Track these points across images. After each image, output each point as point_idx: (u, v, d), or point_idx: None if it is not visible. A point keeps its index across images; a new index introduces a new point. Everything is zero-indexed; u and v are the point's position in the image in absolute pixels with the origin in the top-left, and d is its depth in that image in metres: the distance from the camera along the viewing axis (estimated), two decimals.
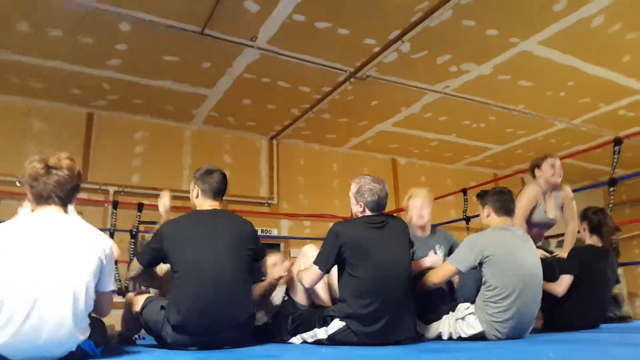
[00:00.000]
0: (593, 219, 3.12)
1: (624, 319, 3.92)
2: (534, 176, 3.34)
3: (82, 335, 1.62)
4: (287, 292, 2.66)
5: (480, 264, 2.35)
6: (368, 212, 2.33)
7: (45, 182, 1.69)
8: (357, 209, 2.36)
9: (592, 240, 3.12)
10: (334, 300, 2.50)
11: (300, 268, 2.51)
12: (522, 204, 3.13)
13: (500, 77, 4.90)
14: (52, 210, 1.71)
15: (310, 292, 2.54)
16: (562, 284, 2.89)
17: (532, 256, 2.46)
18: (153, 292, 2.66)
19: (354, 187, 2.37)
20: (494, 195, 2.57)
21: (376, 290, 2.14)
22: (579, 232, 3.27)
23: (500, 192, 2.59)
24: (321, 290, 2.54)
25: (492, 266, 2.32)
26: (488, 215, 2.56)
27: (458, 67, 4.68)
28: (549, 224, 3.32)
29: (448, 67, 4.68)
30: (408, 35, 4.04)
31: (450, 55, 4.46)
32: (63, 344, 1.56)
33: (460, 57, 4.52)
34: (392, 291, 2.17)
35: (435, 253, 2.82)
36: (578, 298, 2.90)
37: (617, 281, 3.22)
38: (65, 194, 1.73)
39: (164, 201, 2.77)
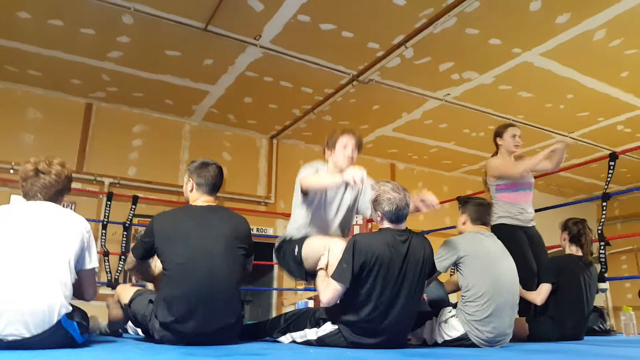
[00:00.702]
0: (573, 229, 3.19)
1: (608, 332, 3.95)
2: (496, 145, 3.56)
3: (64, 300, 1.67)
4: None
5: (456, 264, 2.45)
6: (386, 222, 2.20)
7: (32, 184, 1.87)
8: (375, 217, 2.25)
9: (571, 250, 3.19)
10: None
11: (324, 263, 2.29)
12: (499, 164, 3.44)
13: (501, 87, 4.92)
14: (37, 204, 1.87)
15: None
16: (541, 293, 2.97)
17: (505, 258, 2.53)
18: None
19: (372, 195, 2.25)
20: (474, 205, 2.68)
21: (380, 308, 2.06)
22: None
23: (480, 204, 2.69)
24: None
25: (467, 266, 2.42)
26: (464, 223, 2.68)
27: (460, 75, 4.70)
28: (528, 182, 3.48)
29: (450, 74, 4.69)
30: (412, 41, 4.05)
31: (452, 62, 4.48)
32: (47, 325, 1.60)
33: (463, 65, 4.53)
34: (394, 306, 2.08)
35: None
36: (558, 308, 2.96)
37: (597, 291, 3.24)
38: (49, 196, 1.89)
39: None
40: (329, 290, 2.09)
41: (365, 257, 2.04)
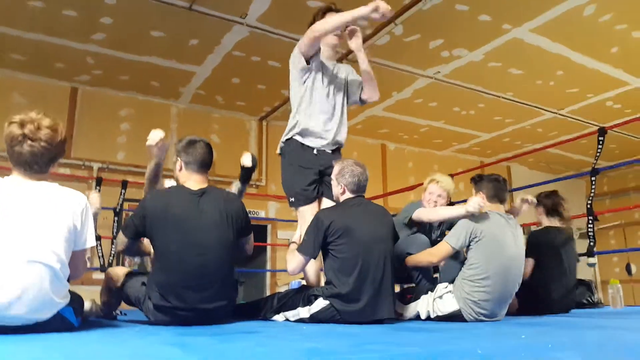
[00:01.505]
0: (547, 202, 3.22)
1: (596, 304, 4.04)
2: None
3: (62, 299, 1.61)
4: None
5: (469, 243, 2.40)
6: (348, 194, 2.36)
7: (20, 152, 1.61)
8: (337, 190, 2.39)
9: (551, 222, 3.22)
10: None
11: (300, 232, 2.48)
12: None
13: (491, 64, 4.90)
14: (24, 177, 1.66)
15: (304, 272, 2.53)
16: (527, 267, 2.96)
17: (518, 243, 2.49)
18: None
19: (336, 169, 2.41)
20: (490, 182, 2.58)
21: (358, 268, 2.16)
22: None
23: (496, 180, 2.59)
24: (310, 270, 2.53)
25: (479, 246, 2.37)
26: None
27: (450, 52, 4.67)
28: None
29: (440, 52, 4.66)
30: (401, 17, 4.01)
31: (442, 40, 4.44)
32: (43, 309, 1.55)
33: (452, 43, 4.50)
34: (374, 269, 2.18)
35: (434, 233, 3.05)
36: (544, 281, 3.01)
37: (578, 259, 3.31)
38: (39, 165, 1.65)
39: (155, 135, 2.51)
40: (294, 260, 2.28)
41: (326, 226, 2.18)
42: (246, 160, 2.79)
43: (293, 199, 2.60)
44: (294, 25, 4.16)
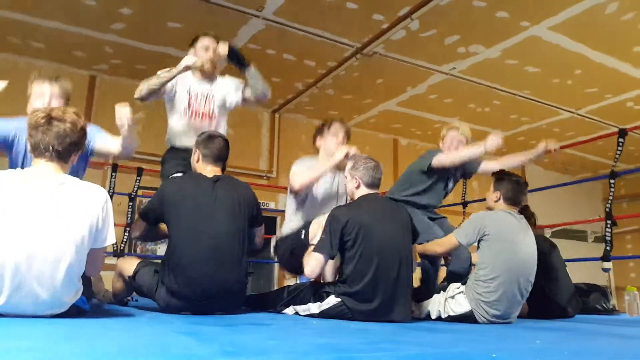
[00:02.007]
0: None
1: (611, 311, 3.99)
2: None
3: (76, 296, 1.61)
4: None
5: (479, 241, 2.39)
6: (363, 188, 2.35)
7: (44, 133, 1.61)
8: (351, 185, 2.38)
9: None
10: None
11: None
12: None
13: (508, 62, 4.84)
14: (46, 168, 1.64)
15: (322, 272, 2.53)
16: None
17: (530, 245, 2.47)
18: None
19: (349, 165, 2.42)
20: (510, 183, 2.53)
21: (374, 268, 2.13)
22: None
23: (517, 182, 2.54)
24: (328, 269, 2.55)
25: (489, 245, 2.35)
26: (497, 200, 2.55)
27: (466, 48, 4.62)
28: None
29: (456, 48, 4.61)
30: (417, 12, 3.97)
31: (458, 36, 4.40)
32: (56, 305, 1.56)
33: (469, 39, 4.45)
34: (390, 270, 2.16)
35: (447, 183, 3.06)
36: (550, 285, 2.99)
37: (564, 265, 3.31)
38: (64, 148, 1.64)
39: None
40: (311, 261, 2.21)
41: (343, 224, 2.16)
42: (222, 49, 2.83)
43: None
44: (309, 19, 4.15)
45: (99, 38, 4.54)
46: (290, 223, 2.83)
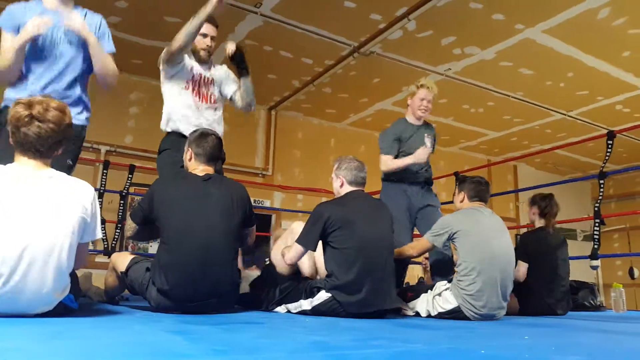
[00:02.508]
0: (541, 203, 3.36)
1: (598, 307, 4.07)
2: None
3: (63, 293, 1.60)
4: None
5: (452, 240, 2.53)
6: (346, 186, 2.45)
7: (25, 134, 1.56)
8: (336, 184, 2.50)
9: (540, 223, 3.36)
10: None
11: (287, 244, 2.52)
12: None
13: (502, 63, 4.88)
14: (31, 164, 1.61)
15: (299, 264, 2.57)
16: (520, 269, 3.12)
17: (504, 241, 2.58)
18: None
19: (335, 165, 2.54)
20: (472, 183, 2.72)
21: (360, 261, 2.21)
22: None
23: (478, 182, 2.74)
24: (305, 262, 2.57)
25: (461, 241, 2.50)
26: (462, 201, 2.73)
27: (462, 49, 4.65)
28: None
29: (452, 49, 4.64)
30: (414, 13, 3.99)
31: (455, 37, 4.43)
32: (45, 301, 1.55)
33: (465, 40, 4.48)
34: (374, 260, 2.24)
35: (425, 142, 3.18)
36: (540, 281, 3.11)
37: (566, 259, 3.39)
38: (46, 148, 1.59)
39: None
40: (292, 251, 2.35)
41: (326, 218, 2.24)
42: (230, 48, 2.82)
43: None
44: (307, 16, 4.16)
45: None
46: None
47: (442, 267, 2.96)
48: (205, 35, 2.83)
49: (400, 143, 3.21)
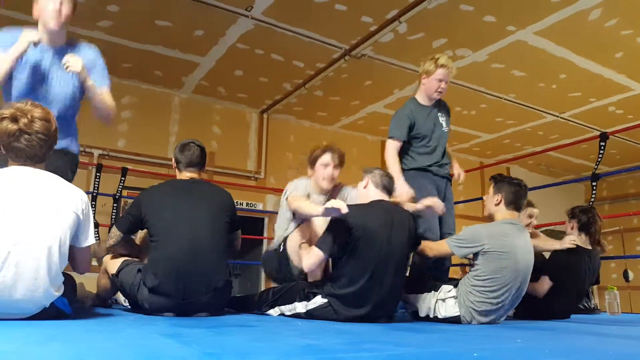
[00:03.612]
0: (582, 217, 3.10)
1: (593, 310, 4.06)
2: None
3: (57, 291, 1.62)
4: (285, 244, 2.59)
5: (476, 253, 2.31)
6: (372, 188, 2.35)
7: (17, 146, 1.64)
8: (361, 184, 2.41)
9: (580, 239, 3.08)
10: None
11: (305, 237, 2.46)
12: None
13: (494, 65, 4.90)
14: (24, 169, 1.67)
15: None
16: (544, 286, 2.94)
17: (529, 254, 2.41)
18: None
19: (364, 169, 2.47)
20: (511, 185, 2.44)
21: (368, 275, 2.12)
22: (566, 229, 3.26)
23: (518, 185, 2.47)
24: (318, 271, 2.54)
25: (490, 259, 2.28)
26: (497, 204, 2.46)
27: (453, 52, 4.66)
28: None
29: (443, 51, 4.64)
30: (406, 15, 3.99)
31: (446, 39, 4.43)
32: (37, 300, 1.56)
33: (456, 42, 4.49)
34: (385, 278, 2.15)
35: (441, 123, 3.04)
36: (554, 294, 2.96)
37: (597, 281, 3.23)
38: (39, 155, 1.68)
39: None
40: (311, 256, 2.21)
41: (349, 228, 2.13)
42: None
43: None
44: (298, 19, 4.16)
45: (85, 35, 4.47)
46: (280, 232, 2.78)
47: (440, 271, 2.82)
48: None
49: (414, 127, 2.92)
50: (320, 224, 2.39)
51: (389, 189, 2.37)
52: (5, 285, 1.49)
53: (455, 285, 2.40)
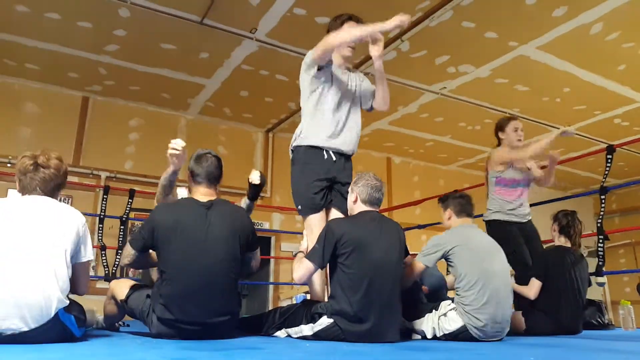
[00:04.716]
0: (562, 220, 3.28)
1: (606, 326, 3.96)
2: (498, 139, 3.69)
3: (62, 294, 1.67)
4: None
5: (447, 258, 2.49)
6: (360, 204, 2.35)
7: (32, 178, 1.86)
8: (350, 198, 2.40)
9: (560, 241, 3.28)
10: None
11: (310, 242, 2.43)
12: (506, 151, 3.57)
13: (498, 81, 4.92)
14: (35, 198, 1.86)
15: (309, 283, 2.53)
16: (533, 287, 3.04)
17: (496, 252, 2.56)
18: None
19: (354, 178, 2.45)
20: (454, 199, 2.74)
21: (365, 286, 2.12)
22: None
23: (461, 196, 2.76)
24: (316, 282, 2.53)
25: (457, 257, 2.45)
26: (449, 218, 2.72)
27: (456, 68, 4.69)
28: (525, 179, 3.61)
29: (446, 68, 4.69)
30: (408, 34, 4.04)
31: (448, 56, 4.47)
32: (43, 305, 1.61)
33: (459, 59, 4.52)
34: (383, 290, 2.15)
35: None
36: (551, 301, 2.99)
37: (589, 282, 3.26)
38: (48, 190, 1.89)
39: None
40: (301, 267, 2.24)
41: (338, 237, 2.15)
42: (254, 177, 2.80)
43: (300, 207, 2.60)
44: (302, 40, 4.21)
45: (93, 59, 4.58)
46: (302, 125, 2.79)
47: (437, 293, 2.93)
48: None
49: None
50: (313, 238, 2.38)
51: (377, 203, 2.40)
52: (15, 294, 1.57)
53: (454, 300, 2.47)
